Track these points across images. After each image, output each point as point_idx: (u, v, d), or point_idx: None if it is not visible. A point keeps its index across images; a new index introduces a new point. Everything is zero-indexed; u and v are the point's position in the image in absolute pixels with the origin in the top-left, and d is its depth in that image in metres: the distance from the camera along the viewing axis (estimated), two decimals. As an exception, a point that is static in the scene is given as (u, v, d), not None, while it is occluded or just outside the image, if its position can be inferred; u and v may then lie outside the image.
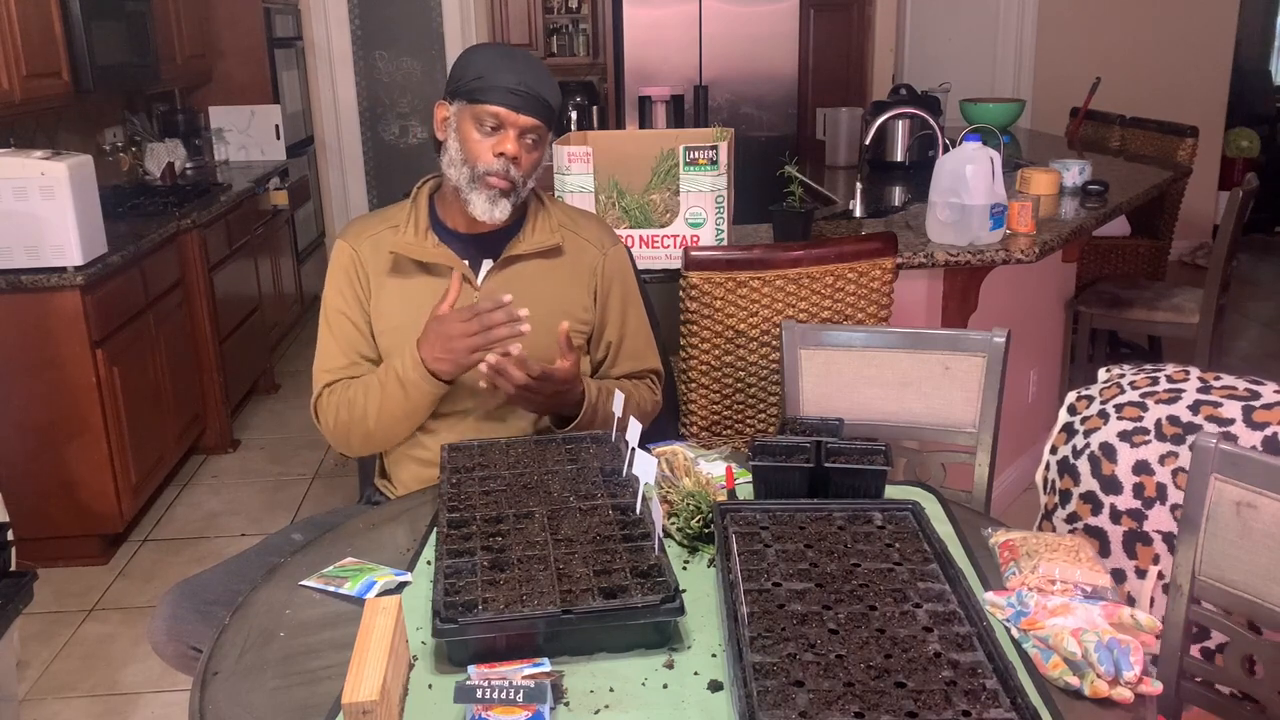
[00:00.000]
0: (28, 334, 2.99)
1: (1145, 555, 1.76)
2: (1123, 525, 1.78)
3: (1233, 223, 3.28)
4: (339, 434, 1.86)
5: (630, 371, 1.99)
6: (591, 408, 1.83)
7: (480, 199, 1.78)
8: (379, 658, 1.12)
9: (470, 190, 1.79)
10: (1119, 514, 1.78)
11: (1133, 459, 1.77)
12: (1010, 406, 2.11)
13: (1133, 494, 1.77)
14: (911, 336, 2.04)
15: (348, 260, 1.88)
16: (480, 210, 1.79)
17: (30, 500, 3.03)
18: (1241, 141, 6.73)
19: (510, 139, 1.76)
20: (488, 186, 1.77)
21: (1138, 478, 1.77)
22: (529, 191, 1.86)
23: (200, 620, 1.63)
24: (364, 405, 1.80)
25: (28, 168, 2.89)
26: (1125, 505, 1.78)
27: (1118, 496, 1.78)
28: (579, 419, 1.82)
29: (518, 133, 1.77)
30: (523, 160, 1.78)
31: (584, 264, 1.92)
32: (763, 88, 5.26)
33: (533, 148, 1.80)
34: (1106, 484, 1.80)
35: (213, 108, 5.09)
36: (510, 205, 1.80)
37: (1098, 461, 1.81)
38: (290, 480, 3.76)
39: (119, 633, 2.85)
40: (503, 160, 1.76)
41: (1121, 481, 1.78)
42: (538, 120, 1.78)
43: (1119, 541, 1.78)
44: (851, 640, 1.17)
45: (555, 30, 5.79)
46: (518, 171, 1.78)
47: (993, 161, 2.67)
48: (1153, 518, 1.75)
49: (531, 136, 1.79)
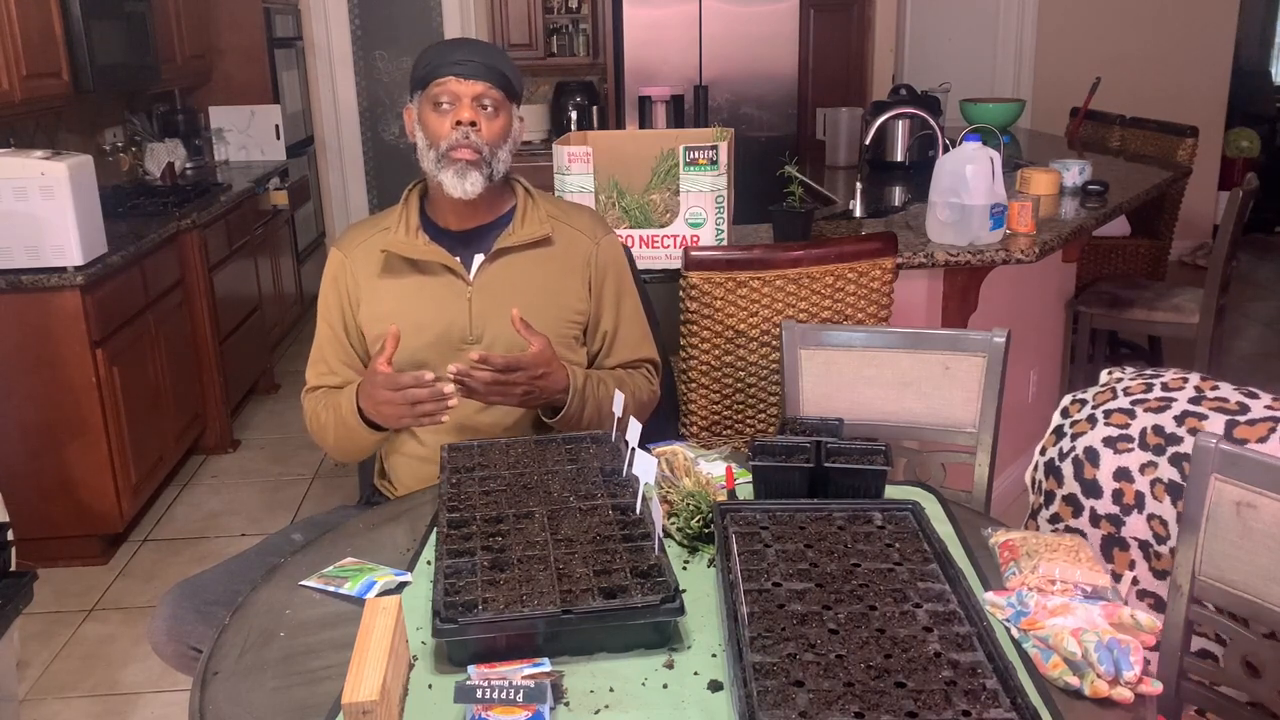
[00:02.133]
0: (28, 334, 2.99)
1: (1122, 561, 1.77)
2: (1101, 529, 1.79)
3: (1233, 223, 3.28)
4: (315, 439, 1.94)
5: (625, 361, 1.97)
6: (579, 394, 1.81)
7: (449, 175, 1.79)
8: (379, 658, 1.12)
9: (440, 171, 1.80)
10: (1098, 518, 1.80)
11: (1114, 465, 1.78)
12: (1010, 406, 2.11)
13: (1112, 499, 1.78)
14: (911, 336, 2.04)
15: (337, 268, 1.92)
16: (451, 186, 1.79)
17: (30, 500, 3.03)
18: (1241, 141, 6.73)
19: (465, 107, 1.78)
20: (453, 161, 1.78)
21: (1118, 484, 1.78)
22: (504, 167, 1.85)
23: (200, 620, 1.63)
24: (326, 425, 1.87)
25: (28, 168, 2.89)
26: (1104, 510, 1.79)
27: (1098, 500, 1.80)
28: (567, 406, 1.79)
29: (471, 99, 1.78)
30: (483, 127, 1.79)
31: (576, 254, 1.92)
32: (763, 88, 5.26)
33: (493, 115, 1.81)
34: (1088, 487, 1.81)
35: (213, 108, 5.09)
36: (481, 178, 1.80)
37: (1081, 465, 1.82)
38: (290, 480, 3.76)
39: (119, 633, 2.85)
40: (461, 129, 1.77)
41: (1102, 486, 1.79)
42: (488, 84, 1.79)
43: (1097, 545, 1.79)
44: (851, 640, 1.17)
45: (555, 30, 5.79)
46: (479, 138, 1.78)
47: (993, 161, 2.67)
48: (1130, 525, 1.76)
49: (487, 102, 1.80)
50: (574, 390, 1.80)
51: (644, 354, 2.00)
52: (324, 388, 1.91)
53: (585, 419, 1.85)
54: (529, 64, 5.74)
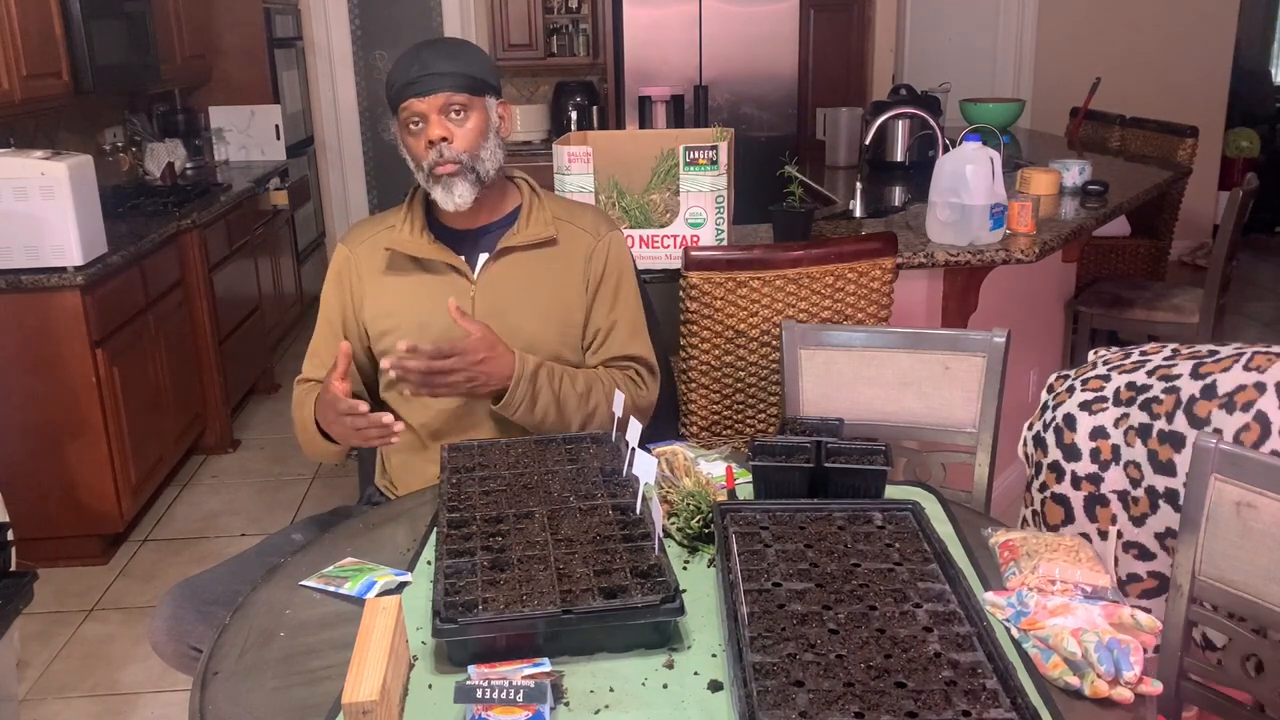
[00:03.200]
0: (28, 334, 2.99)
1: (1104, 517, 1.83)
2: (1082, 490, 1.85)
3: (1233, 223, 3.28)
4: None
5: (613, 356, 1.93)
6: (527, 381, 1.77)
7: (438, 191, 1.80)
8: (379, 658, 1.12)
9: (431, 186, 1.81)
10: (1079, 479, 1.85)
11: (1090, 425, 1.85)
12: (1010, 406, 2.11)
13: (1090, 458, 1.84)
14: (911, 336, 2.04)
15: (342, 263, 1.93)
16: (443, 200, 1.80)
17: (30, 500, 3.03)
18: (1241, 141, 6.72)
19: (433, 124, 1.77)
20: (437, 177, 1.79)
21: (1094, 443, 1.84)
22: (493, 163, 1.82)
23: (200, 620, 1.63)
24: (296, 422, 1.89)
25: (28, 168, 2.89)
26: (1084, 470, 1.85)
27: (1077, 463, 1.85)
28: (510, 392, 1.76)
29: (436, 114, 1.77)
30: (454, 137, 1.78)
31: (578, 253, 1.92)
32: (763, 88, 5.26)
33: (462, 119, 1.79)
34: (1068, 452, 1.87)
35: (213, 108, 5.09)
36: (469, 186, 1.80)
37: (1060, 432, 1.88)
38: (290, 480, 3.76)
39: (119, 633, 2.85)
40: (435, 148, 1.78)
41: (1080, 448, 1.85)
42: (448, 91, 1.77)
43: (1080, 507, 1.85)
44: (851, 640, 1.17)
45: (555, 30, 5.79)
46: (455, 150, 1.78)
47: (993, 161, 2.67)
48: (1109, 479, 1.82)
49: (452, 109, 1.78)
50: (518, 377, 1.76)
51: (632, 351, 1.94)
52: (313, 381, 1.91)
53: (540, 410, 1.80)
54: (529, 64, 5.74)
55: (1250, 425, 1.64)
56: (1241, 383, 1.69)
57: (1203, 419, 1.70)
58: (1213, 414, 1.69)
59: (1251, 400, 1.66)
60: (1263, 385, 1.66)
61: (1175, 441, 1.73)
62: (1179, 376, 1.78)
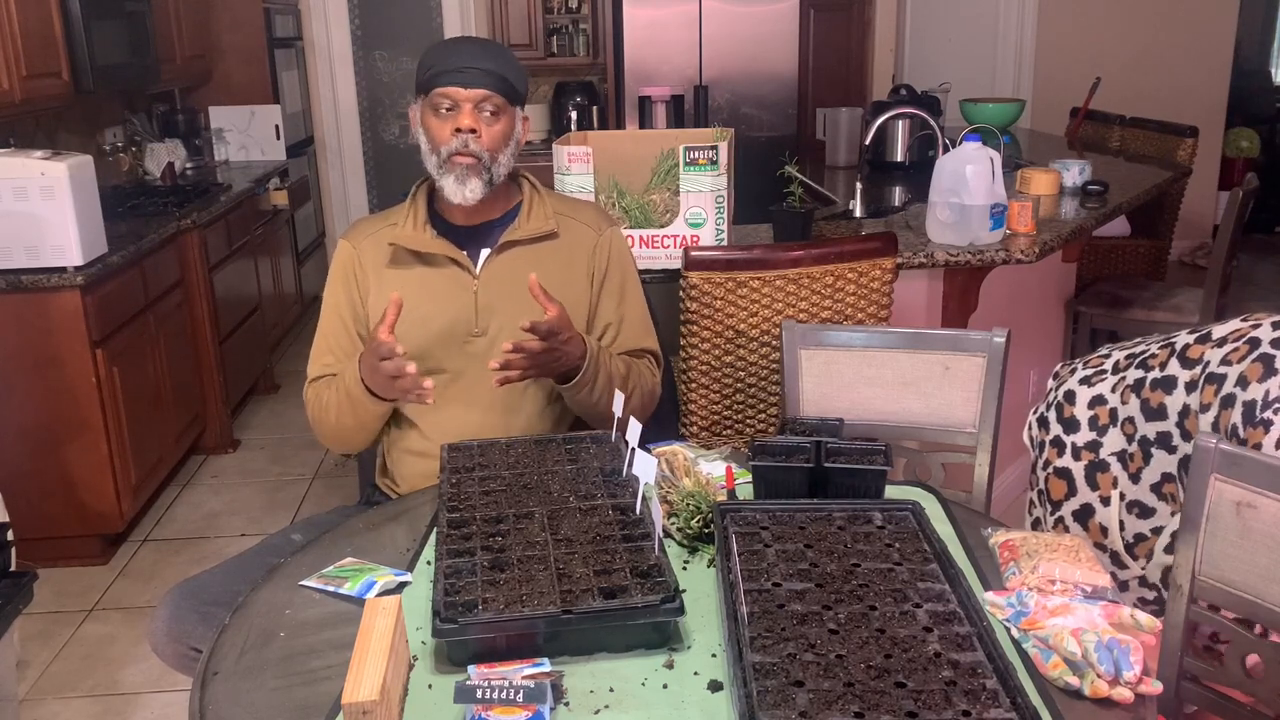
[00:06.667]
0: (28, 334, 2.99)
1: (1105, 483, 1.85)
2: (1082, 460, 1.87)
3: (1233, 223, 3.28)
4: (315, 428, 1.92)
5: (629, 350, 1.97)
6: (594, 360, 1.80)
7: (449, 180, 1.80)
8: (379, 658, 1.12)
9: (441, 175, 1.81)
10: (1079, 450, 1.88)
11: (1089, 396, 1.89)
12: (1010, 406, 2.11)
13: (1088, 426, 1.87)
14: (911, 336, 2.04)
15: (347, 258, 1.93)
16: (451, 191, 1.80)
17: (30, 500, 3.03)
18: (1241, 141, 6.72)
19: (465, 113, 1.78)
20: (453, 166, 1.79)
21: (1092, 411, 1.87)
22: (506, 170, 1.85)
23: (200, 621, 1.63)
24: (328, 405, 1.85)
25: (28, 168, 2.89)
26: (1083, 440, 1.88)
27: (1077, 434, 1.89)
28: (583, 370, 1.78)
29: (471, 106, 1.79)
30: (483, 133, 1.79)
31: (581, 247, 1.94)
32: (763, 88, 5.26)
33: (493, 120, 1.81)
34: (1067, 425, 1.90)
35: (213, 108, 5.08)
36: (481, 184, 1.81)
37: (1060, 408, 1.92)
38: (290, 480, 3.76)
39: (119, 633, 2.85)
40: (461, 136, 1.78)
41: (1079, 419, 1.89)
42: (488, 90, 1.79)
43: (1081, 478, 1.87)
44: (851, 640, 1.17)
45: (555, 30, 5.79)
46: (479, 145, 1.79)
47: (993, 161, 2.67)
48: (1107, 443, 1.85)
49: (488, 108, 1.80)
50: (590, 355, 1.79)
51: (646, 345, 2.00)
52: (326, 377, 1.89)
53: (598, 389, 1.83)
54: (529, 64, 5.71)
55: (1239, 348, 1.67)
56: (1236, 328, 1.73)
57: (1195, 360, 1.73)
58: (1205, 354, 1.72)
59: (1243, 334, 1.69)
60: (1257, 324, 1.70)
61: (1166, 385, 1.76)
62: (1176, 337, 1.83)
